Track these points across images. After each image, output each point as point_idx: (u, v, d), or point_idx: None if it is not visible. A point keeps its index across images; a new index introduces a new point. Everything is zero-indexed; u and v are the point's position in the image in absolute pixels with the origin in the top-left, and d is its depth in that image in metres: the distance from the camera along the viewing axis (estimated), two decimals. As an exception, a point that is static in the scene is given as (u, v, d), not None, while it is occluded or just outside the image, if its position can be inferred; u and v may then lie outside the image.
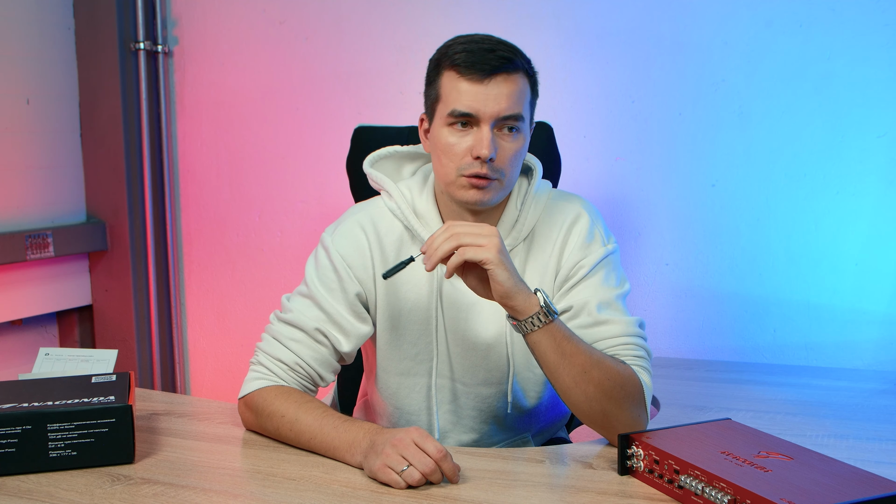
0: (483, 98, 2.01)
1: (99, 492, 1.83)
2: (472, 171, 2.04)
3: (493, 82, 2.01)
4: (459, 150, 2.05)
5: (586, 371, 1.94)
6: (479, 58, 2.01)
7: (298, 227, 3.92)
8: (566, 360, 1.94)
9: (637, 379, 2.02)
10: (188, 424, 2.28)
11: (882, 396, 2.58)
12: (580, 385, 1.95)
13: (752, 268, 3.19)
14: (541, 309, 1.92)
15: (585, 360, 1.95)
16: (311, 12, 3.78)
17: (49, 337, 4.11)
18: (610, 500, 1.76)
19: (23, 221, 3.78)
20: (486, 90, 2.01)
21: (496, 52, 2.02)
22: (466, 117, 2.03)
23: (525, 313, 1.92)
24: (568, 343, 1.95)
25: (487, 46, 2.03)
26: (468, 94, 2.02)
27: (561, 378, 1.96)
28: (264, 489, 1.84)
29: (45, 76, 3.88)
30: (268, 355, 2.17)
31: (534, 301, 1.93)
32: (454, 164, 2.06)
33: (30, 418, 1.92)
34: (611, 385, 1.96)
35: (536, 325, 1.92)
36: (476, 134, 2.03)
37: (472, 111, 2.02)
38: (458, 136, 2.05)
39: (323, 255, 2.22)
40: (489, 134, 2.01)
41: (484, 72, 2.01)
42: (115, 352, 2.47)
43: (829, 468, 1.68)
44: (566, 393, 1.97)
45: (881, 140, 3.00)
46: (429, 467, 1.80)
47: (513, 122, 2.04)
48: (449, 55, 2.06)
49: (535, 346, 1.95)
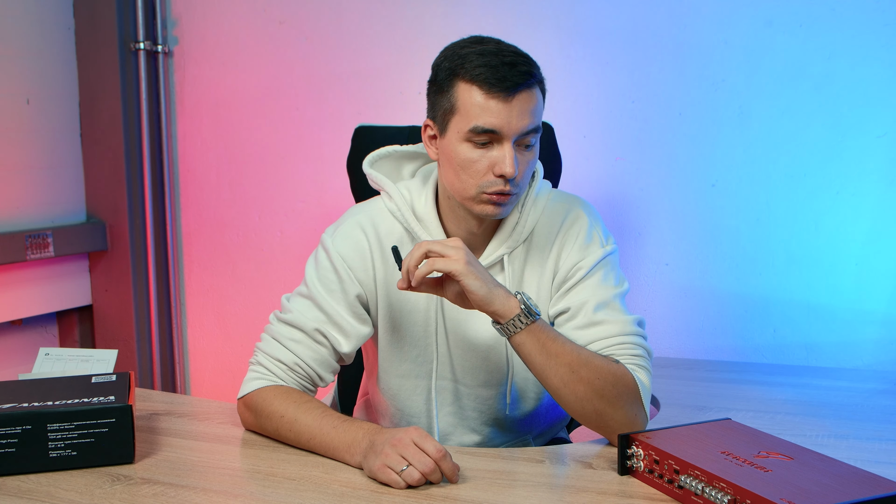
0: (507, 115, 1.98)
1: (99, 492, 1.83)
2: (495, 189, 2.02)
3: (517, 99, 1.98)
4: (481, 168, 2.02)
5: (574, 371, 1.94)
6: (502, 74, 1.97)
7: (298, 227, 3.92)
8: (552, 359, 1.94)
9: (631, 377, 2.01)
10: (188, 424, 2.28)
11: (882, 396, 2.58)
12: (570, 385, 1.95)
13: (752, 268, 3.19)
14: (521, 311, 1.93)
15: (573, 359, 1.95)
16: (311, 12, 3.78)
17: (49, 337, 4.11)
18: (610, 500, 1.76)
19: (23, 221, 3.79)
20: (509, 107, 1.98)
21: (517, 67, 1.98)
22: (490, 134, 2.00)
23: (506, 316, 1.93)
24: (553, 343, 1.95)
25: (508, 60, 1.98)
26: (492, 112, 1.98)
27: (549, 378, 1.96)
28: (264, 489, 1.84)
29: (46, 76, 3.88)
30: (267, 355, 2.17)
31: (513, 303, 1.94)
32: (474, 181, 2.03)
33: (30, 418, 1.92)
34: (602, 384, 1.95)
35: (519, 327, 1.93)
36: (498, 151, 2.00)
37: (496, 129, 1.98)
38: (479, 153, 2.02)
39: (323, 255, 2.22)
40: (512, 152, 1.99)
41: (508, 90, 1.97)
42: (115, 352, 2.48)
43: (830, 468, 1.68)
44: (557, 393, 1.98)
45: (881, 140, 3.00)
46: (428, 467, 1.81)
47: (533, 135, 2.03)
48: (466, 68, 2.00)
49: (520, 347, 1.96)
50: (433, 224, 2.20)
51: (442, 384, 2.27)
